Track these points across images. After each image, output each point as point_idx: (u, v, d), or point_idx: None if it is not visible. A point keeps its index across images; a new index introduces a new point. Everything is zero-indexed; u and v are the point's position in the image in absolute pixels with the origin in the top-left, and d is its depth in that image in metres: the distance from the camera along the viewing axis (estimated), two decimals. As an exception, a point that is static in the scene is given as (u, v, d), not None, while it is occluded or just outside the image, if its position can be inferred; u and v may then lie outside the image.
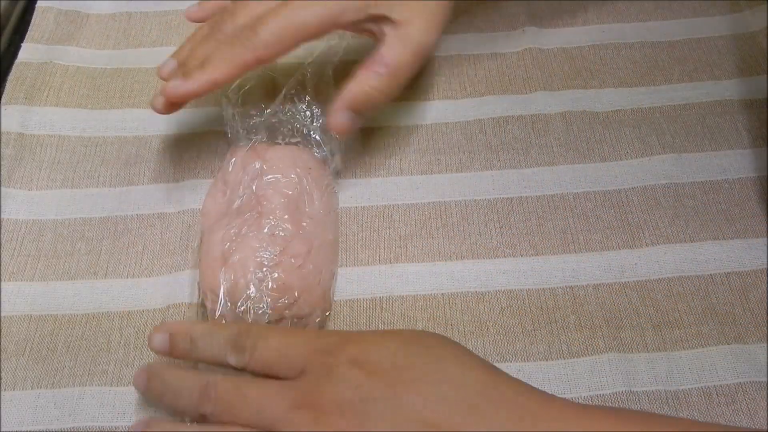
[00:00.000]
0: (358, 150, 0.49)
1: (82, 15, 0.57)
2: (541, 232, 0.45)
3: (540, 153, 0.48)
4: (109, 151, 0.49)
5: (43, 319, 0.42)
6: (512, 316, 0.42)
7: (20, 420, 0.38)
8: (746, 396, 0.38)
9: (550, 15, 0.56)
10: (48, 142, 0.49)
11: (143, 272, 0.44)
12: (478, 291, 0.42)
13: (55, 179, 0.47)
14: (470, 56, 0.54)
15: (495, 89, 0.52)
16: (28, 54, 0.53)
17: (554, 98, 0.51)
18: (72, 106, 0.51)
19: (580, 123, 0.49)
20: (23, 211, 0.46)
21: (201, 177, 0.47)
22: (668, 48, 0.53)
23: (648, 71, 0.52)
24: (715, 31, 0.54)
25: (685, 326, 0.41)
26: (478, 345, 0.40)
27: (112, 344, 0.41)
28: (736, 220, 0.45)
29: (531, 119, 0.50)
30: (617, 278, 0.43)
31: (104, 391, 0.39)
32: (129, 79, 0.53)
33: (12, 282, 0.43)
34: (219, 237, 0.40)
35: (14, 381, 0.39)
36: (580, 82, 0.52)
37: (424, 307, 0.42)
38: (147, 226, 0.45)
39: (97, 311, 0.42)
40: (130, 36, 0.56)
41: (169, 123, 0.50)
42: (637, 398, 0.38)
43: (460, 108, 0.51)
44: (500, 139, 0.49)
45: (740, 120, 0.49)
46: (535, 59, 0.53)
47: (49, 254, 0.44)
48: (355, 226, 0.45)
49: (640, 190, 0.46)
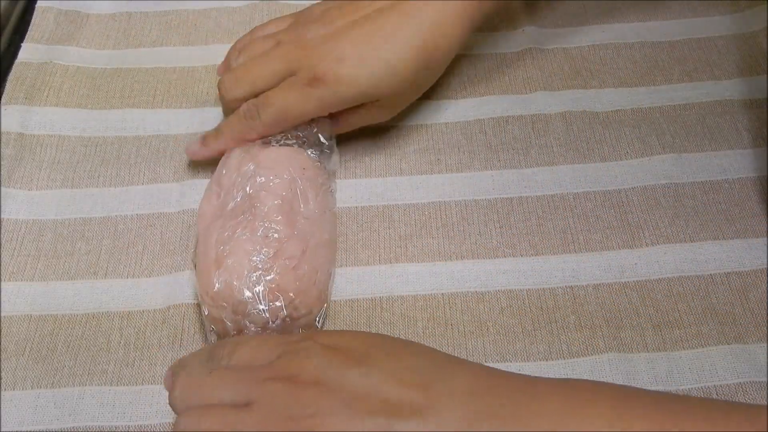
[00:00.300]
0: (358, 150, 0.49)
1: (82, 15, 0.57)
2: (541, 232, 0.45)
3: (540, 153, 0.48)
4: (109, 151, 0.49)
5: (43, 319, 0.42)
6: (512, 316, 0.42)
7: (20, 420, 0.38)
8: (746, 396, 0.38)
9: (550, 15, 0.56)
10: (48, 142, 0.49)
11: (143, 272, 0.44)
12: (478, 291, 0.42)
13: (55, 179, 0.47)
14: (470, 56, 0.54)
15: (495, 89, 0.52)
16: (28, 54, 0.53)
17: (554, 98, 0.51)
18: (72, 106, 0.51)
19: (580, 123, 0.49)
20: (23, 211, 0.46)
21: (201, 177, 0.47)
22: (668, 48, 0.54)
23: (648, 71, 0.52)
24: (715, 31, 0.54)
25: (685, 326, 0.41)
26: (478, 345, 0.40)
27: (112, 344, 0.41)
28: (736, 220, 0.45)
29: (531, 119, 0.50)
30: (617, 278, 0.43)
31: (104, 391, 0.39)
32: (129, 79, 0.53)
33: (12, 282, 0.43)
34: (213, 240, 0.40)
35: (14, 381, 0.39)
36: (580, 82, 0.52)
37: (424, 307, 0.42)
38: (147, 226, 0.45)
39: (97, 311, 0.42)
40: (130, 36, 0.56)
41: (169, 123, 0.50)
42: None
43: (460, 108, 0.51)
44: (500, 139, 0.49)
45: (740, 120, 0.49)
46: (535, 59, 0.53)
47: (49, 254, 0.44)
48: (355, 226, 0.45)
49: (640, 190, 0.46)
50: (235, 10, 0.57)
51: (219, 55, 0.54)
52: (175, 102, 0.51)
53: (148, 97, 0.52)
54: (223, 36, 0.55)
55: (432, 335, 0.41)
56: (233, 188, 0.42)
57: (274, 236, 0.39)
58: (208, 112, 0.51)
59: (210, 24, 0.56)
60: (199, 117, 0.50)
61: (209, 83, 0.52)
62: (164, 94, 0.52)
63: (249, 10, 0.57)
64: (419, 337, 0.41)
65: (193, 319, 0.41)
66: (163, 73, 0.53)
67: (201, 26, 0.56)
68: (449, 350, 0.40)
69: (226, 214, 0.41)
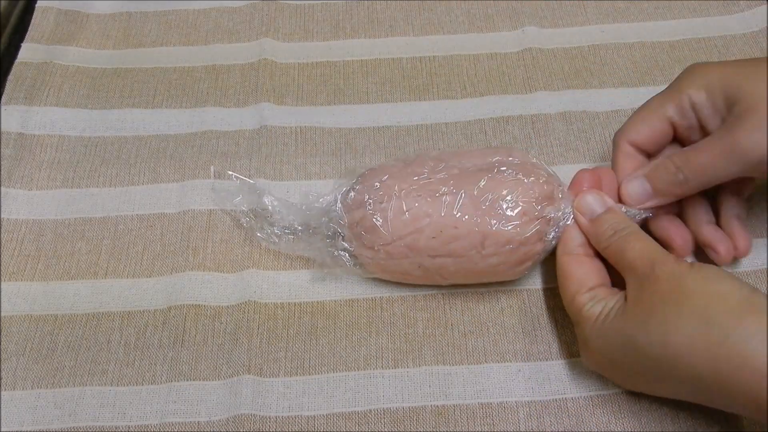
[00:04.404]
0: (358, 150, 0.49)
1: (82, 15, 0.57)
2: (541, 232, 0.44)
3: (540, 153, 0.48)
4: (109, 151, 0.49)
5: (43, 319, 0.42)
6: (512, 316, 0.42)
7: (20, 420, 0.38)
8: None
9: (550, 15, 0.56)
10: (48, 142, 0.49)
11: (143, 272, 0.44)
12: (478, 291, 0.42)
13: (55, 179, 0.47)
14: (470, 56, 0.54)
15: (495, 89, 0.52)
16: (28, 54, 0.53)
17: (554, 98, 0.51)
18: (72, 106, 0.51)
19: (580, 123, 0.49)
20: (23, 211, 0.46)
21: (201, 177, 0.47)
22: (668, 48, 0.54)
23: (648, 71, 0.52)
24: (715, 31, 0.54)
25: (685, 326, 0.41)
26: (478, 345, 0.40)
27: (112, 344, 0.41)
28: (736, 220, 0.44)
29: (531, 119, 0.50)
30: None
31: (104, 391, 0.39)
32: (129, 79, 0.53)
33: (12, 282, 0.43)
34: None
35: (14, 381, 0.39)
36: (580, 82, 0.52)
37: (424, 307, 0.42)
38: (147, 226, 0.45)
39: (97, 311, 0.42)
40: (130, 36, 0.56)
41: (169, 123, 0.50)
42: (638, 398, 0.38)
43: (460, 108, 0.51)
44: (500, 139, 0.49)
45: (740, 120, 0.49)
46: (535, 59, 0.53)
47: (49, 254, 0.44)
48: (355, 226, 0.45)
49: (640, 190, 0.46)
50: (235, 10, 0.57)
51: (219, 55, 0.54)
52: (175, 102, 0.51)
53: (148, 97, 0.52)
54: (223, 36, 0.55)
55: (432, 335, 0.41)
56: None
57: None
58: (208, 112, 0.51)
59: (210, 24, 0.56)
60: (199, 117, 0.50)
61: (209, 83, 0.52)
62: (164, 94, 0.52)
63: (249, 10, 0.57)
64: (419, 337, 0.41)
65: (193, 320, 0.41)
66: (163, 73, 0.53)
67: (201, 26, 0.56)
68: (449, 350, 0.40)
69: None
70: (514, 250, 0.38)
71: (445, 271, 0.40)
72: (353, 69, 0.53)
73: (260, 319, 0.41)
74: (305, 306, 0.42)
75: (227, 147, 0.49)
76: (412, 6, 0.57)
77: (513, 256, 0.38)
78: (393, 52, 0.54)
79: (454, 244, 0.38)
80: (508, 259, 0.38)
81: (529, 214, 0.38)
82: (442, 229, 0.38)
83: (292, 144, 0.49)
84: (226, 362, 0.40)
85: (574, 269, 0.38)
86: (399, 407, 0.38)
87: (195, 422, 0.38)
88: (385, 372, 0.40)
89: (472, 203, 0.38)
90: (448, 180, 0.39)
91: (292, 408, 0.38)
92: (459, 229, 0.38)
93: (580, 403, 0.38)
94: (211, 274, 0.43)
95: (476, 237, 0.38)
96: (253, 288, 0.42)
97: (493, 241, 0.38)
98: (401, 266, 0.40)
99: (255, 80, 0.52)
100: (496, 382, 0.39)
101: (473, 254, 0.38)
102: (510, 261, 0.39)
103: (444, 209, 0.38)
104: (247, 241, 0.44)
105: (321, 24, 0.56)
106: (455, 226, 0.38)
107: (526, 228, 0.38)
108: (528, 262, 0.39)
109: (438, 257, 0.39)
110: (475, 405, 0.38)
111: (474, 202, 0.38)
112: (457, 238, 0.38)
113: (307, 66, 0.53)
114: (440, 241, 0.38)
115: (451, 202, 0.38)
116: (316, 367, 0.40)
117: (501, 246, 0.38)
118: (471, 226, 0.38)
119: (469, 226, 0.38)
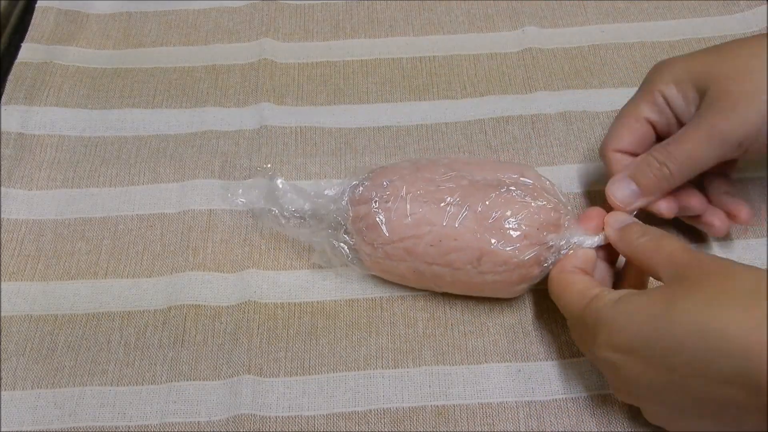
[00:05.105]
0: (358, 150, 0.49)
1: (82, 15, 0.57)
2: (541, 232, 0.44)
3: (540, 153, 0.48)
4: (109, 151, 0.49)
5: (43, 319, 0.42)
6: (512, 316, 0.42)
7: (20, 420, 0.38)
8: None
9: (550, 15, 0.56)
10: (48, 142, 0.49)
11: (143, 272, 0.44)
12: (478, 291, 0.42)
13: (55, 179, 0.47)
14: (470, 56, 0.54)
15: (495, 89, 0.52)
16: (28, 54, 0.53)
17: (554, 98, 0.51)
18: (72, 106, 0.51)
19: (580, 123, 0.49)
20: (23, 211, 0.46)
21: (201, 177, 0.47)
22: (668, 48, 0.54)
23: (648, 71, 0.52)
24: (715, 31, 0.54)
25: (685, 326, 0.41)
26: (478, 345, 0.40)
27: (112, 344, 0.41)
28: (736, 220, 0.45)
29: (531, 119, 0.50)
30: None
31: (104, 391, 0.39)
32: (129, 79, 0.53)
33: (12, 282, 0.43)
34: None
35: (14, 381, 0.39)
36: (580, 82, 0.52)
37: (424, 307, 0.42)
38: (147, 226, 0.45)
39: (97, 311, 0.42)
40: (130, 36, 0.56)
41: (169, 123, 0.50)
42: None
43: (460, 108, 0.51)
44: (500, 139, 0.49)
45: (740, 120, 0.49)
46: (535, 59, 0.53)
47: (49, 254, 0.44)
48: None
49: (640, 190, 0.46)
50: (235, 10, 0.57)
51: (219, 55, 0.54)
52: (175, 102, 0.51)
53: (148, 97, 0.52)
54: (223, 36, 0.55)
55: (432, 335, 0.41)
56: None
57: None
58: (208, 112, 0.51)
59: (210, 24, 0.56)
60: (199, 117, 0.50)
61: (209, 83, 0.52)
62: (164, 94, 0.52)
63: (249, 10, 0.57)
64: (419, 337, 0.41)
65: (193, 320, 0.41)
66: (163, 73, 0.53)
67: (201, 26, 0.56)
68: (449, 350, 0.40)
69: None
70: (510, 271, 0.38)
71: (441, 281, 0.40)
72: (353, 69, 0.53)
73: (260, 319, 0.41)
74: (305, 306, 0.42)
75: (227, 147, 0.49)
76: (412, 6, 0.57)
77: (508, 276, 0.38)
78: (393, 52, 0.54)
79: (451, 255, 0.38)
80: (503, 278, 0.38)
81: (530, 239, 0.37)
82: (442, 239, 0.38)
83: (292, 144, 0.49)
84: (226, 362, 0.40)
85: (574, 278, 0.37)
86: (399, 407, 0.38)
87: (195, 422, 0.38)
88: (385, 372, 0.40)
89: (475, 218, 0.38)
90: (455, 190, 0.39)
91: (292, 408, 0.38)
92: (458, 241, 0.38)
93: (580, 403, 0.38)
94: (211, 274, 0.43)
95: (474, 252, 0.38)
96: (253, 288, 0.42)
97: (489, 259, 0.38)
98: (398, 268, 0.40)
99: (255, 80, 0.52)
100: (497, 382, 0.39)
101: (469, 269, 0.38)
102: (505, 280, 0.38)
103: (446, 219, 0.38)
104: (247, 241, 0.44)
105: (321, 24, 0.56)
106: (455, 238, 0.38)
107: (525, 251, 0.37)
108: (524, 284, 0.39)
109: (435, 265, 0.39)
110: (475, 405, 0.38)
111: (477, 217, 0.38)
112: (455, 250, 0.38)
113: (307, 66, 0.53)
114: (438, 251, 0.38)
115: (455, 213, 0.38)
116: (316, 367, 0.40)
117: (497, 265, 0.38)
118: (470, 241, 0.38)
119: (468, 241, 0.38)
